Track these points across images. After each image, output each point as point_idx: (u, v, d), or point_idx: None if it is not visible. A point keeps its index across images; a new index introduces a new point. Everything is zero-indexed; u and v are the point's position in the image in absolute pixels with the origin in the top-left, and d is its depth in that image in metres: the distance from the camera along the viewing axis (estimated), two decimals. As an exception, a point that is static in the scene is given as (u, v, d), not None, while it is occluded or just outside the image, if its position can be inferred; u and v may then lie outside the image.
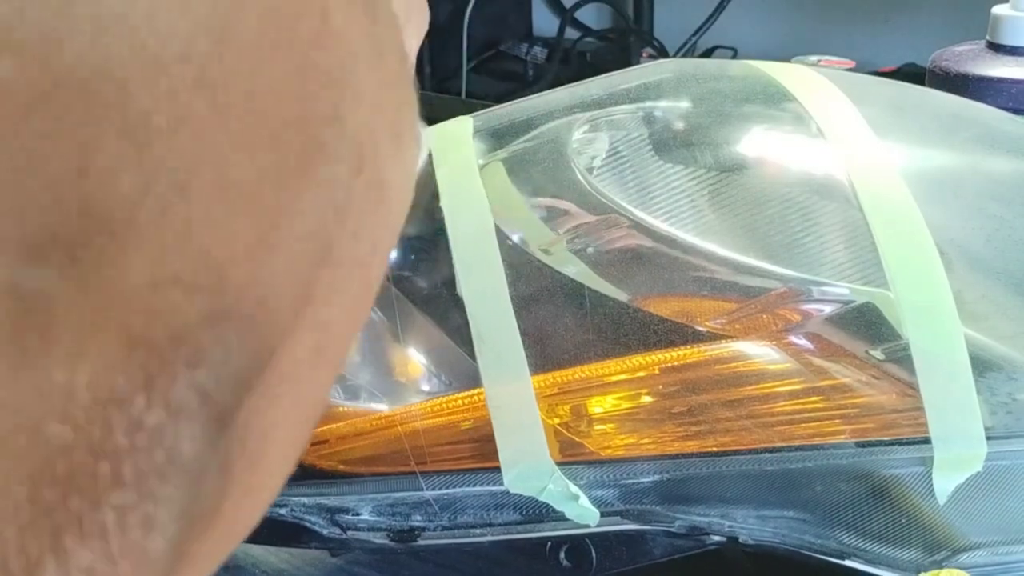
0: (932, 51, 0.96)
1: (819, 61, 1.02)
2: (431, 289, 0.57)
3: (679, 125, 0.61)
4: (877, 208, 0.52)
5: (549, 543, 0.53)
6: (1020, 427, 0.52)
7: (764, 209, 0.57)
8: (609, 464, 0.52)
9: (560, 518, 0.52)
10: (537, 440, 0.51)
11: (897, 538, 0.51)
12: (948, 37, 1.02)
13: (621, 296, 0.55)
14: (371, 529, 0.54)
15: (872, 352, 0.52)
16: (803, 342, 0.53)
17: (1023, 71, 0.89)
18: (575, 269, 0.55)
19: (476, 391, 0.52)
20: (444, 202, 0.55)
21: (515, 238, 0.56)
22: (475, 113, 0.63)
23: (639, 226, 0.56)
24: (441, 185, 0.56)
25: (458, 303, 0.53)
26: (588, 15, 1.71)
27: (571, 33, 1.68)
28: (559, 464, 0.51)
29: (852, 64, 1.03)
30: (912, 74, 1.28)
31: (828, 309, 0.53)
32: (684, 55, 1.55)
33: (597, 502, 0.52)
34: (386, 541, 0.54)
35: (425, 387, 0.59)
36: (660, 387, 0.54)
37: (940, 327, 0.50)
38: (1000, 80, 0.89)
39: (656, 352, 0.53)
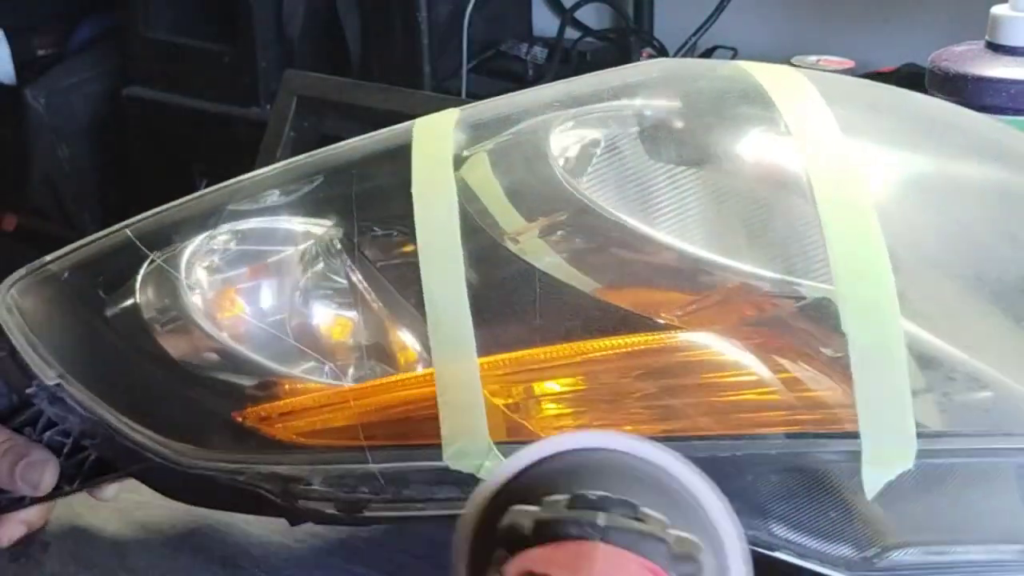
0: (932, 51, 0.96)
1: (819, 61, 1.02)
2: (406, 271, 0.58)
3: (655, 123, 0.62)
4: (830, 206, 0.52)
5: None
6: (954, 426, 0.52)
7: (731, 206, 0.58)
8: None
9: None
10: (477, 419, 0.52)
11: (828, 533, 0.51)
12: (948, 37, 1.02)
13: (584, 285, 0.56)
14: (321, 499, 0.55)
15: (823, 348, 0.53)
16: (755, 335, 0.54)
17: (1022, 71, 0.89)
18: (542, 257, 0.57)
19: (429, 371, 0.54)
20: (414, 189, 0.56)
21: (487, 226, 0.57)
22: (464, 106, 0.65)
23: (604, 219, 0.57)
24: (414, 173, 0.57)
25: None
26: (588, 15, 1.71)
27: (571, 33, 1.68)
28: (497, 443, 0.52)
29: (852, 64, 1.03)
30: (912, 74, 1.28)
31: (783, 304, 0.54)
32: (684, 55, 1.55)
33: None
34: (335, 512, 0.55)
35: (386, 366, 0.60)
36: (606, 373, 0.54)
37: (879, 322, 0.50)
38: (999, 80, 0.89)
39: (604, 339, 0.54)
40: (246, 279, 0.64)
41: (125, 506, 0.69)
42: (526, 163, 0.60)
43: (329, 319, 0.63)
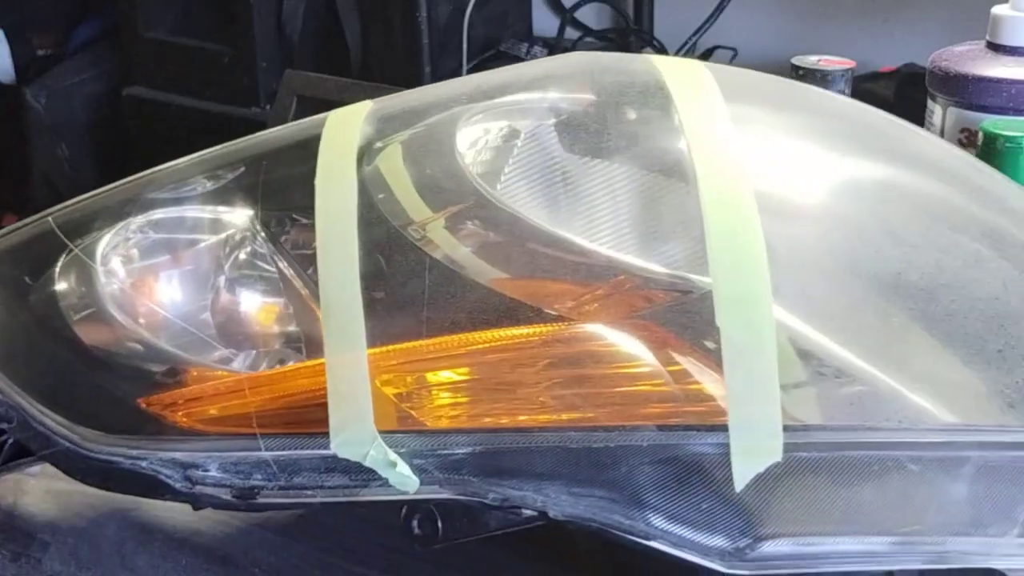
0: (932, 51, 0.96)
1: (819, 61, 1.01)
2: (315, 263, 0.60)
3: (563, 116, 0.63)
4: (712, 202, 0.54)
5: (403, 511, 0.56)
6: (825, 419, 0.54)
7: (628, 201, 0.60)
8: (427, 435, 0.55)
9: (385, 483, 0.54)
10: (364, 408, 0.54)
11: (702, 523, 0.52)
12: (948, 37, 1.02)
13: (483, 276, 0.58)
14: (217, 485, 0.57)
15: (706, 342, 0.54)
16: (644, 328, 0.55)
17: (1023, 71, 0.89)
18: (446, 248, 0.58)
19: (321, 361, 0.55)
20: (317, 182, 0.58)
21: (397, 216, 0.59)
22: (379, 98, 0.67)
23: (501, 211, 0.59)
24: (319, 165, 0.59)
25: None
26: (588, 15, 1.71)
27: (571, 33, 1.68)
28: (382, 433, 0.54)
29: (852, 64, 1.02)
30: (912, 74, 1.28)
31: (672, 298, 0.55)
32: (684, 55, 1.55)
33: (418, 471, 0.54)
34: (230, 498, 0.57)
35: (287, 356, 0.62)
36: (494, 363, 0.56)
37: (751, 317, 0.51)
38: (1000, 80, 0.89)
39: (493, 330, 0.56)
40: (165, 268, 0.66)
41: (125, 506, 0.69)
42: (434, 155, 0.62)
43: (254, 306, 0.65)
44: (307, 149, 0.62)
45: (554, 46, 1.65)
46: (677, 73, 0.62)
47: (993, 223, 0.62)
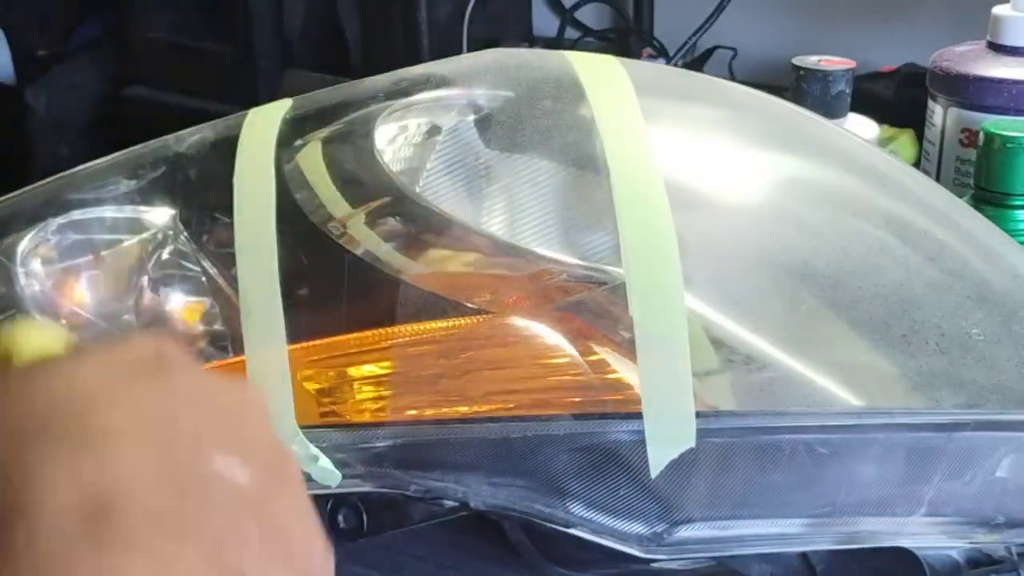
0: (932, 51, 0.96)
1: (819, 61, 1.01)
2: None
3: (477, 114, 0.65)
4: (624, 195, 0.55)
5: (329, 505, 0.57)
6: (739, 405, 0.56)
7: (544, 196, 0.61)
8: (349, 429, 0.55)
9: (308, 478, 0.54)
10: (285, 404, 0.54)
11: (620, 509, 0.53)
12: (948, 37, 1.02)
13: (404, 271, 0.58)
14: None
15: (624, 332, 0.54)
16: (562, 319, 0.56)
17: (1023, 71, 0.89)
18: (367, 243, 0.59)
19: (240, 358, 0.56)
20: (235, 179, 0.59)
21: (317, 213, 0.60)
22: (299, 96, 0.67)
23: (419, 206, 0.60)
24: (237, 163, 0.60)
25: None
26: (588, 15, 1.71)
27: (571, 33, 1.68)
28: (304, 428, 0.54)
29: (852, 64, 1.02)
30: (912, 74, 1.28)
31: (587, 290, 0.56)
32: (684, 55, 1.55)
33: (340, 465, 0.54)
34: None
35: (213, 355, 0.62)
36: (416, 356, 0.57)
37: (663, 307, 0.52)
38: (1000, 80, 0.89)
39: (413, 324, 0.56)
40: (86, 268, 0.65)
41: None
42: (353, 152, 0.63)
43: (178, 306, 0.65)
44: (228, 147, 0.62)
45: (554, 46, 1.65)
46: (590, 68, 0.63)
47: (897, 211, 0.63)
